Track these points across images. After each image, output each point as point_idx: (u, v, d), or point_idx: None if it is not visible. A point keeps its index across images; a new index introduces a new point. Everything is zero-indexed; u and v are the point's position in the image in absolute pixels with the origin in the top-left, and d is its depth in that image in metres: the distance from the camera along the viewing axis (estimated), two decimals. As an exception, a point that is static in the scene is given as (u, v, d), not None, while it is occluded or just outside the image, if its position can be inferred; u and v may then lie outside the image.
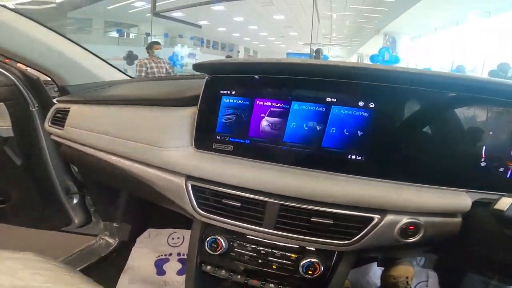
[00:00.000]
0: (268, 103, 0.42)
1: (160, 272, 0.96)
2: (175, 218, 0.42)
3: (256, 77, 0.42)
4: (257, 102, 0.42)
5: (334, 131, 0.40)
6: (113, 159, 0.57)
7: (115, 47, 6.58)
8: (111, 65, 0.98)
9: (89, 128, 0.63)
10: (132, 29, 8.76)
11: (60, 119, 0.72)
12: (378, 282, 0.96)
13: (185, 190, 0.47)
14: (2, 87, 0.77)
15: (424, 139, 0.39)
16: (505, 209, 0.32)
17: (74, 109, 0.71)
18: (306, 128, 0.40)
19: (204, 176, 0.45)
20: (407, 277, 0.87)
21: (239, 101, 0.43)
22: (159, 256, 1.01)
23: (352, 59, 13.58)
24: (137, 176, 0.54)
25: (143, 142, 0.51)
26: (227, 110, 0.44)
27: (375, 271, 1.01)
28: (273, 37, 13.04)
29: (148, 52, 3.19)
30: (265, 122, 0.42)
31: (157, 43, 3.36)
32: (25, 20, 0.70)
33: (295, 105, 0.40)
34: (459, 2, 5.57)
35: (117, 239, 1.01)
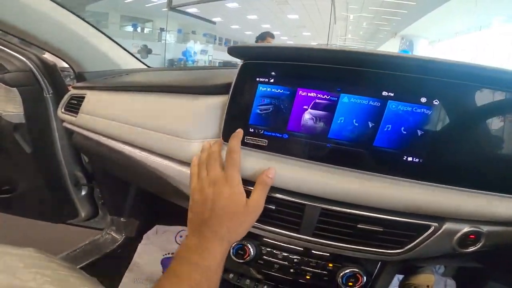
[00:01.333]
0: (312, 94, 0.36)
1: None
2: (184, 215, 0.39)
3: (300, 64, 0.37)
4: (300, 92, 0.37)
5: (389, 129, 0.34)
6: (129, 149, 0.53)
7: (129, 41, 6.63)
8: (131, 54, 0.95)
9: (105, 116, 0.59)
10: (147, 24, 8.85)
11: (74, 105, 0.69)
12: None
13: None
14: (17, 72, 0.75)
15: (489, 143, 0.34)
16: None
17: (90, 95, 0.68)
18: (356, 124, 0.35)
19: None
20: (427, 286, 0.82)
21: (279, 90, 0.38)
22: (166, 254, 0.98)
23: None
24: (152, 169, 0.49)
25: (165, 132, 0.47)
26: (263, 100, 0.39)
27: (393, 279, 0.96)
28: (286, 36, 12.95)
29: None
30: (308, 115, 0.37)
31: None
32: (45, 1, 0.67)
33: (344, 98, 0.35)
34: (482, 7, 5.38)
35: (123, 234, 0.98)
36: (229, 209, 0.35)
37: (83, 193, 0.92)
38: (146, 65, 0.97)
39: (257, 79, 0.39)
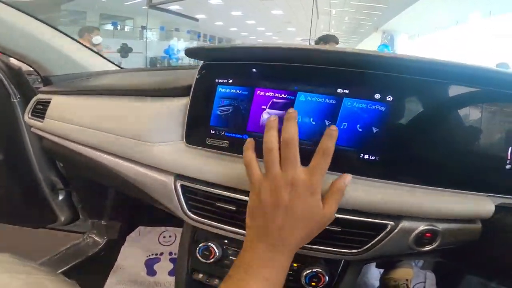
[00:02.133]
0: (270, 94, 0.36)
1: (151, 272, 0.92)
2: (167, 216, 0.38)
3: (257, 63, 0.37)
4: (258, 92, 0.37)
5: (345, 127, 0.34)
6: (96, 154, 0.52)
7: (109, 39, 6.43)
8: (100, 55, 0.92)
9: (70, 121, 0.58)
10: (127, 21, 8.59)
11: (40, 110, 0.67)
12: (376, 283, 0.93)
13: (174, 190, 0.42)
14: (-19, 78, 0.71)
15: (445, 139, 0.35)
16: None
17: (55, 100, 0.66)
18: (314, 123, 0.35)
19: (195, 175, 0.40)
20: (406, 280, 0.85)
21: (237, 90, 0.38)
22: (149, 255, 0.98)
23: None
24: (120, 173, 0.49)
25: (128, 136, 0.46)
26: (222, 101, 0.39)
27: (373, 272, 0.98)
28: (271, 32, 12.94)
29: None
30: (266, 115, 0.36)
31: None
32: (4, 7, 0.64)
33: (301, 96, 0.35)
34: (460, 2, 5.56)
35: (105, 237, 0.96)
36: (306, 219, 0.30)
37: (61, 197, 0.90)
38: (118, 66, 0.94)
39: (216, 80, 0.39)
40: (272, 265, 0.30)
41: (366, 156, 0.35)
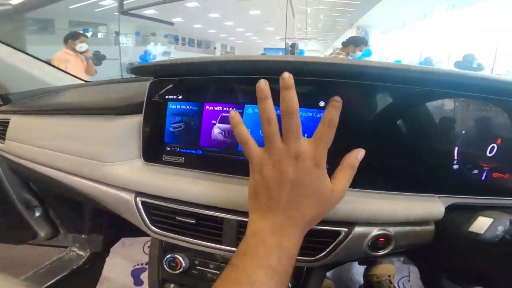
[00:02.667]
0: (218, 108, 0.37)
1: (138, 282, 0.94)
2: None
3: (203, 78, 0.37)
4: (207, 107, 0.37)
5: None
6: (59, 174, 0.51)
7: (82, 47, 6.17)
8: (60, 69, 0.89)
9: (29, 142, 0.57)
10: (100, 28, 8.29)
11: (1, 131, 0.65)
12: (361, 279, 0.96)
13: (135, 207, 0.42)
14: None
15: (391, 142, 0.35)
16: (482, 232, 0.27)
17: (14, 120, 0.64)
18: (262, 135, 0.36)
19: (154, 192, 0.40)
20: (389, 276, 0.88)
21: (187, 106, 0.38)
22: (135, 265, 0.99)
23: (328, 53, 13.84)
24: (84, 192, 0.48)
25: (85, 156, 0.46)
26: (174, 118, 0.39)
27: (357, 269, 1.01)
28: (250, 32, 12.96)
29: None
30: (217, 130, 0.37)
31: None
32: None
33: (248, 109, 0.36)
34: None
35: (88, 250, 0.95)
36: (314, 195, 0.27)
37: (37, 214, 0.88)
38: (80, 79, 0.91)
39: (166, 97, 0.39)
40: (280, 251, 0.26)
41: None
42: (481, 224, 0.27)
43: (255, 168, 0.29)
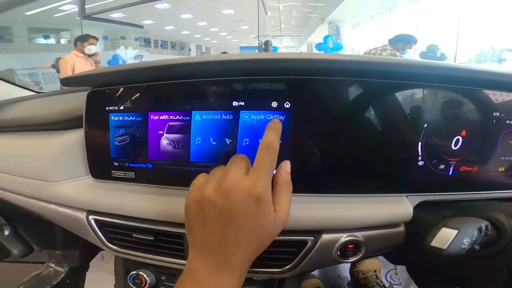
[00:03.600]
0: (164, 117, 0.34)
1: None
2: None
3: (145, 85, 0.34)
4: (151, 117, 0.34)
5: (247, 143, 0.33)
6: (6, 194, 0.46)
7: (44, 54, 5.78)
8: (6, 81, 0.81)
9: None
10: (63, 33, 7.80)
11: None
12: (348, 276, 0.96)
13: (88, 225, 0.39)
14: None
15: (353, 142, 0.33)
16: (445, 247, 0.24)
17: None
18: (214, 143, 0.33)
19: (106, 210, 0.37)
20: (375, 271, 0.88)
21: (130, 117, 0.35)
22: None
23: (303, 49, 14.03)
24: (34, 211, 0.44)
25: (29, 176, 0.41)
26: (118, 130, 0.35)
27: (344, 265, 1.00)
28: (225, 32, 12.81)
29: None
30: (165, 141, 0.34)
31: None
32: None
33: (196, 116, 0.33)
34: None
35: (66, 266, 0.89)
36: (255, 231, 0.24)
37: (7, 232, 0.81)
38: (31, 90, 0.83)
39: (107, 108, 0.35)
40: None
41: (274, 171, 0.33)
42: (445, 237, 0.25)
43: (185, 206, 0.26)
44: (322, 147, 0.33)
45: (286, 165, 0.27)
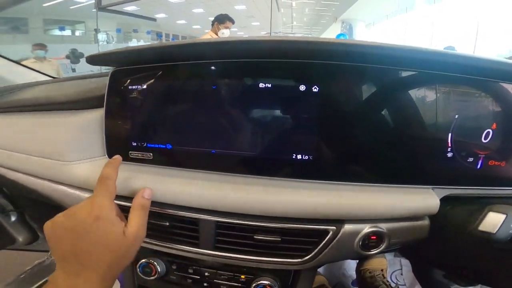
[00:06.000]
0: (187, 97, 0.33)
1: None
2: None
3: (168, 65, 0.33)
4: (175, 97, 0.33)
5: (272, 125, 0.32)
6: (19, 176, 0.46)
7: (58, 45, 5.90)
8: (24, 65, 0.82)
9: None
10: (78, 25, 7.94)
11: None
12: (353, 274, 0.94)
13: None
14: None
15: (380, 130, 0.32)
16: (495, 231, 0.24)
17: None
18: (236, 125, 0.32)
19: (120, 192, 0.36)
20: (382, 270, 0.86)
21: (153, 97, 0.34)
22: None
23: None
24: (46, 194, 0.43)
25: (45, 156, 0.41)
26: (139, 110, 0.35)
27: (349, 263, 0.99)
28: (235, 27, 12.80)
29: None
30: (187, 121, 0.33)
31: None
32: None
33: (219, 97, 0.32)
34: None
35: None
36: (101, 243, 0.29)
37: (13, 219, 0.82)
38: (47, 75, 0.84)
39: (130, 87, 0.35)
40: None
41: (299, 156, 0.32)
42: (493, 221, 0.24)
43: (47, 222, 0.31)
44: (349, 134, 0.32)
45: (145, 192, 0.33)
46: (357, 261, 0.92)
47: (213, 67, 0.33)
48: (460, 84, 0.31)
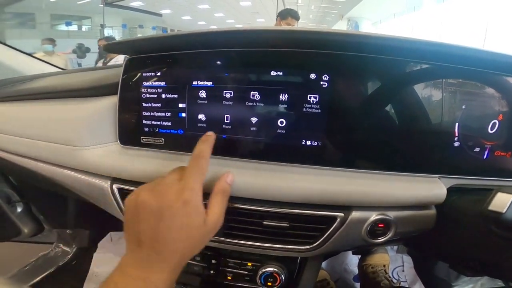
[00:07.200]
0: (201, 85, 0.33)
1: None
2: None
3: (183, 53, 0.34)
4: (187, 85, 0.34)
5: (282, 112, 0.33)
6: (30, 163, 0.47)
7: (65, 40, 5.96)
8: (36, 57, 0.84)
9: None
10: (84, 21, 7.99)
11: None
12: (355, 269, 0.94)
13: (111, 194, 0.39)
14: None
15: (390, 119, 0.33)
16: (504, 211, 0.24)
17: None
18: (249, 112, 0.33)
19: (131, 178, 0.37)
20: (384, 265, 0.86)
21: (165, 83, 0.35)
22: None
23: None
24: (57, 180, 0.45)
25: (57, 141, 0.41)
26: (152, 96, 0.35)
27: (351, 258, 1.00)
28: (241, 24, 12.77)
29: None
30: (198, 107, 0.34)
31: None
32: None
33: (232, 83, 0.33)
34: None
35: (74, 246, 0.92)
36: (184, 230, 0.26)
37: (19, 210, 0.82)
38: (58, 67, 0.86)
39: (143, 74, 0.35)
40: (145, 284, 0.25)
41: (308, 142, 0.33)
42: (502, 201, 0.24)
43: (129, 197, 0.28)
44: (358, 122, 0.33)
45: (228, 177, 0.31)
46: (359, 256, 0.92)
47: (224, 56, 0.33)
48: (467, 77, 0.32)
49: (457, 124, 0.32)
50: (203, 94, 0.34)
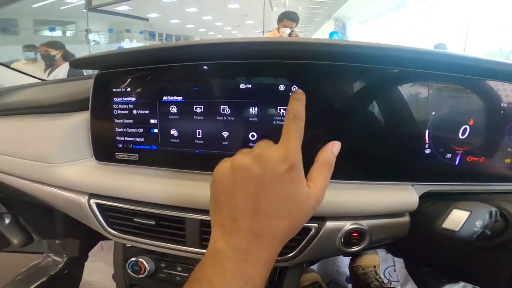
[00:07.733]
0: (171, 100, 0.34)
1: None
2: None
3: (152, 67, 0.34)
4: (158, 100, 0.34)
5: (255, 123, 0.33)
6: (8, 178, 0.46)
7: (49, 46, 5.82)
8: (13, 68, 0.82)
9: None
10: (69, 26, 7.82)
11: None
12: (347, 271, 0.95)
13: (89, 209, 0.39)
14: None
15: (357, 127, 0.32)
16: (457, 229, 0.23)
17: None
18: (221, 126, 0.33)
19: (108, 193, 0.37)
20: (374, 266, 0.87)
21: (136, 99, 0.35)
22: None
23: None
24: (36, 196, 0.44)
25: (33, 159, 0.41)
26: (123, 112, 0.35)
27: (343, 260, 1.00)
28: (229, 26, 12.76)
29: None
30: (171, 122, 0.34)
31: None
32: None
33: (202, 98, 0.33)
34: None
35: (64, 256, 0.90)
36: (287, 203, 0.22)
37: (7, 221, 0.82)
38: (37, 78, 0.84)
39: (113, 89, 0.35)
40: (242, 281, 0.20)
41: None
42: (457, 219, 0.24)
43: (214, 177, 0.24)
44: (327, 132, 0.32)
45: (335, 146, 0.26)
46: (350, 258, 0.93)
47: (192, 70, 0.34)
48: (436, 81, 0.32)
49: (427, 131, 0.32)
50: (174, 109, 0.34)
